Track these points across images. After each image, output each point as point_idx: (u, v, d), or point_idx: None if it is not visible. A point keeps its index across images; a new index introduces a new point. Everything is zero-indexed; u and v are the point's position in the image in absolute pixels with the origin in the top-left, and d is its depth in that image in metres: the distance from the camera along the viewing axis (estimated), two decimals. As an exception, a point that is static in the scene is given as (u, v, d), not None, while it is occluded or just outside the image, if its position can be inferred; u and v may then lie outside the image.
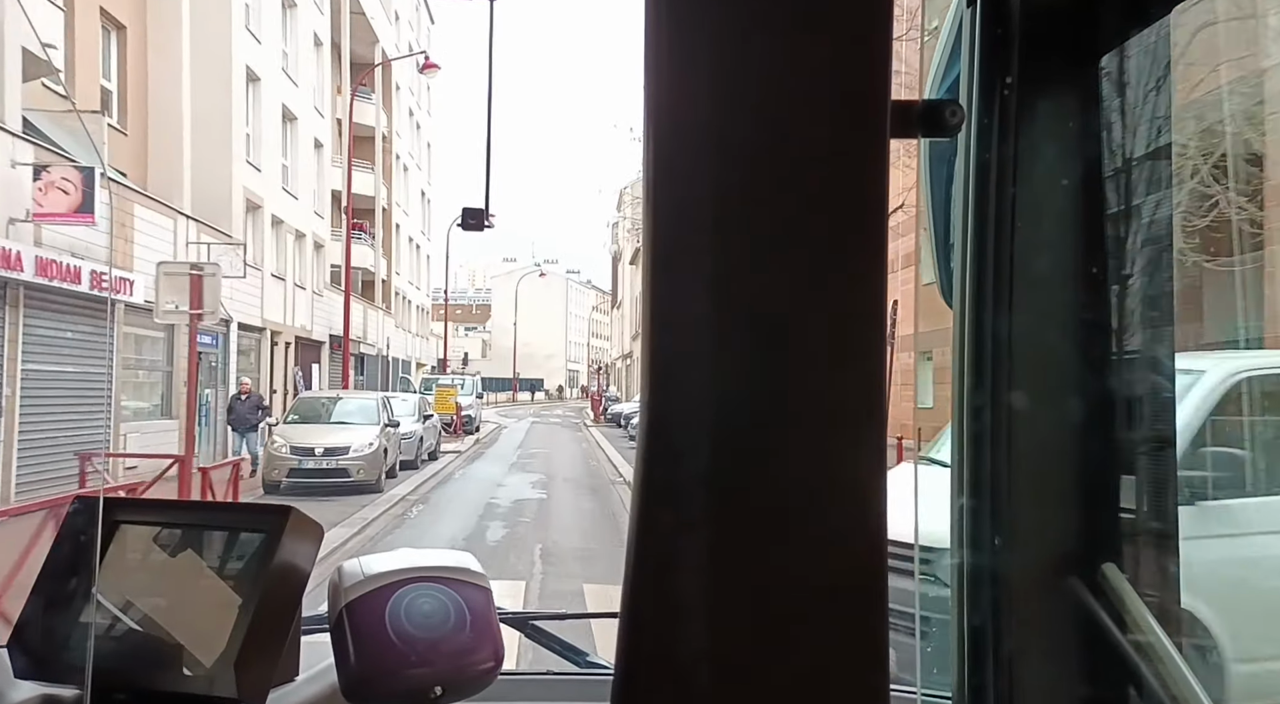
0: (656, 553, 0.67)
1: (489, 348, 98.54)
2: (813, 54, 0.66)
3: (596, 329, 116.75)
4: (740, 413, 0.66)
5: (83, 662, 0.98)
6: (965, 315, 1.05)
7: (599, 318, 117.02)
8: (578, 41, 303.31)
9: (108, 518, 1.10)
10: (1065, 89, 1.05)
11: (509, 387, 79.89)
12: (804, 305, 0.66)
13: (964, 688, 1.05)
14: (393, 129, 40.72)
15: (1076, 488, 1.06)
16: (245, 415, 19.29)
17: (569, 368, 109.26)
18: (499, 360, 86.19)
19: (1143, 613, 1.02)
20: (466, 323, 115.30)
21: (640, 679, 0.68)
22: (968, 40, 1.03)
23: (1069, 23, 1.03)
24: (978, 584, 1.05)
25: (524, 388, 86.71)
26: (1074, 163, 1.07)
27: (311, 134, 30.42)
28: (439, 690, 1.03)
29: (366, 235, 37.53)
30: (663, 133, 0.67)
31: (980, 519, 1.04)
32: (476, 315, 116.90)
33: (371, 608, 1.03)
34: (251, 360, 24.60)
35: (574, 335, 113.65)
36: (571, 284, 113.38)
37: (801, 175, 0.66)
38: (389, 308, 41.10)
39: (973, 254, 1.04)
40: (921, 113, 0.73)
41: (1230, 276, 6.55)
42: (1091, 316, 1.07)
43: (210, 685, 1.00)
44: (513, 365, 79.08)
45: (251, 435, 19.06)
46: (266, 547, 1.05)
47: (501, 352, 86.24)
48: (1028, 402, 1.03)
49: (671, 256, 0.67)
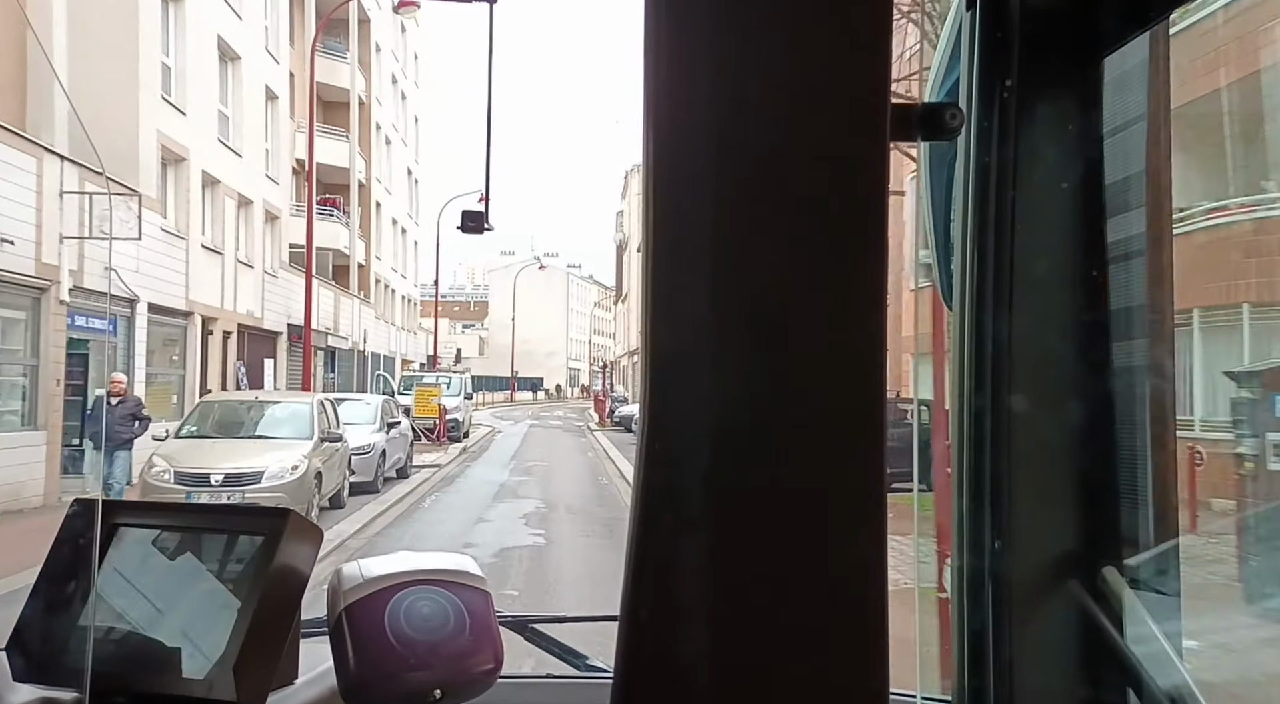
0: (656, 554, 0.67)
1: (486, 345, 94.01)
2: (813, 57, 0.66)
3: (599, 326, 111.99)
4: (740, 413, 0.66)
5: (81, 664, 0.99)
6: (965, 317, 1.05)
7: (601, 314, 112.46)
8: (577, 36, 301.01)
9: (107, 520, 1.11)
10: (1065, 91, 1.05)
11: (507, 386, 74.98)
12: (804, 306, 0.66)
13: (963, 691, 1.05)
14: (372, 95, 35.42)
15: (1076, 490, 1.06)
16: (115, 427, 12.65)
17: (570, 366, 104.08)
18: (497, 358, 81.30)
19: (1143, 616, 1.03)
20: (465, 320, 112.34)
21: (640, 682, 0.68)
22: (967, 43, 1.03)
23: (1068, 25, 1.03)
24: (977, 587, 1.05)
25: (523, 387, 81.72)
26: (1073, 165, 1.07)
27: (261, 80, 24.65)
28: (438, 694, 1.03)
29: (339, 213, 32.48)
30: (663, 134, 0.67)
31: (980, 521, 1.04)
32: (475, 312, 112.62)
33: (371, 611, 1.03)
34: (176, 353, 19.40)
35: (575, 332, 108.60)
36: (573, 279, 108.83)
37: (801, 178, 0.66)
38: (367, 296, 35.75)
39: (973, 256, 1.04)
40: (921, 115, 0.73)
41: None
42: (1091, 318, 1.08)
43: (209, 689, 1.00)
44: (511, 363, 73.90)
45: (122, 455, 12.69)
46: (266, 549, 1.05)
47: (499, 349, 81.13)
48: (1027, 404, 1.04)
49: (671, 257, 0.67)
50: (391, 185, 39.70)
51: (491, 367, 76.67)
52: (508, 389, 74.22)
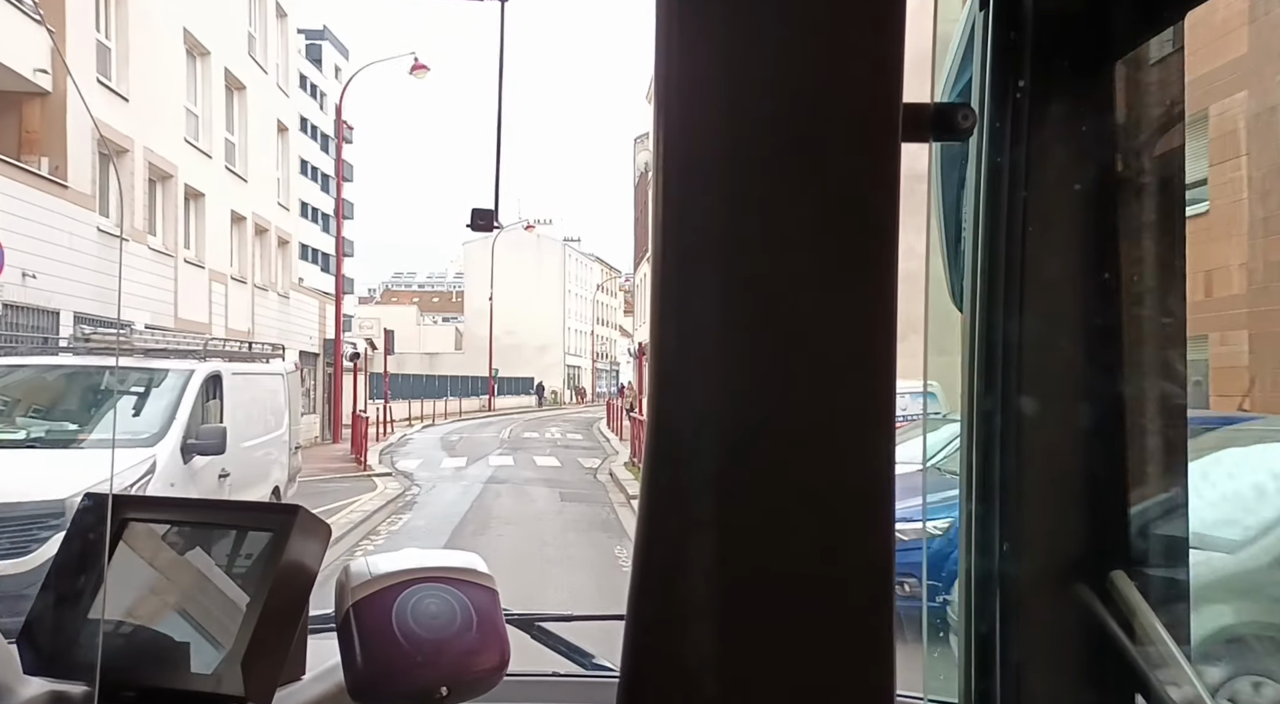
0: (663, 555, 0.68)
1: (462, 338, 72.99)
2: (824, 57, 0.66)
3: (603, 314, 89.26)
4: (748, 414, 0.66)
5: (92, 658, 0.99)
6: (975, 319, 1.06)
7: (606, 300, 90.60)
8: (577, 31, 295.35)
9: (117, 515, 1.12)
10: (1078, 93, 1.05)
11: (486, 389, 54.47)
12: (814, 308, 0.66)
13: (970, 694, 1.05)
14: None
15: (1085, 494, 1.06)
16: None
17: (568, 363, 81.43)
18: (476, 354, 59.60)
19: (1152, 621, 1.02)
20: (446, 312, 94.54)
21: (646, 682, 0.68)
22: (980, 44, 1.04)
23: (1082, 26, 1.03)
24: (985, 590, 1.05)
25: (510, 390, 61.21)
26: (1086, 167, 1.07)
27: None
28: (445, 691, 1.03)
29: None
30: (673, 135, 0.67)
31: (988, 524, 1.04)
32: (456, 304, 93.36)
33: (378, 608, 1.03)
34: None
35: (575, 321, 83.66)
36: (571, 254, 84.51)
37: (812, 179, 0.66)
38: (101, 200, 17.09)
39: (984, 258, 1.04)
40: (933, 116, 0.73)
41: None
42: (1102, 322, 1.07)
43: (217, 684, 1.01)
44: (489, 359, 54.29)
45: None
46: (274, 545, 1.06)
47: (479, 342, 59.02)
48: (1037, 406, 1.04)
49: (681, 259, 0.67)
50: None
51: (470, 364, 58.75)
52: (486, 392, 54.27)
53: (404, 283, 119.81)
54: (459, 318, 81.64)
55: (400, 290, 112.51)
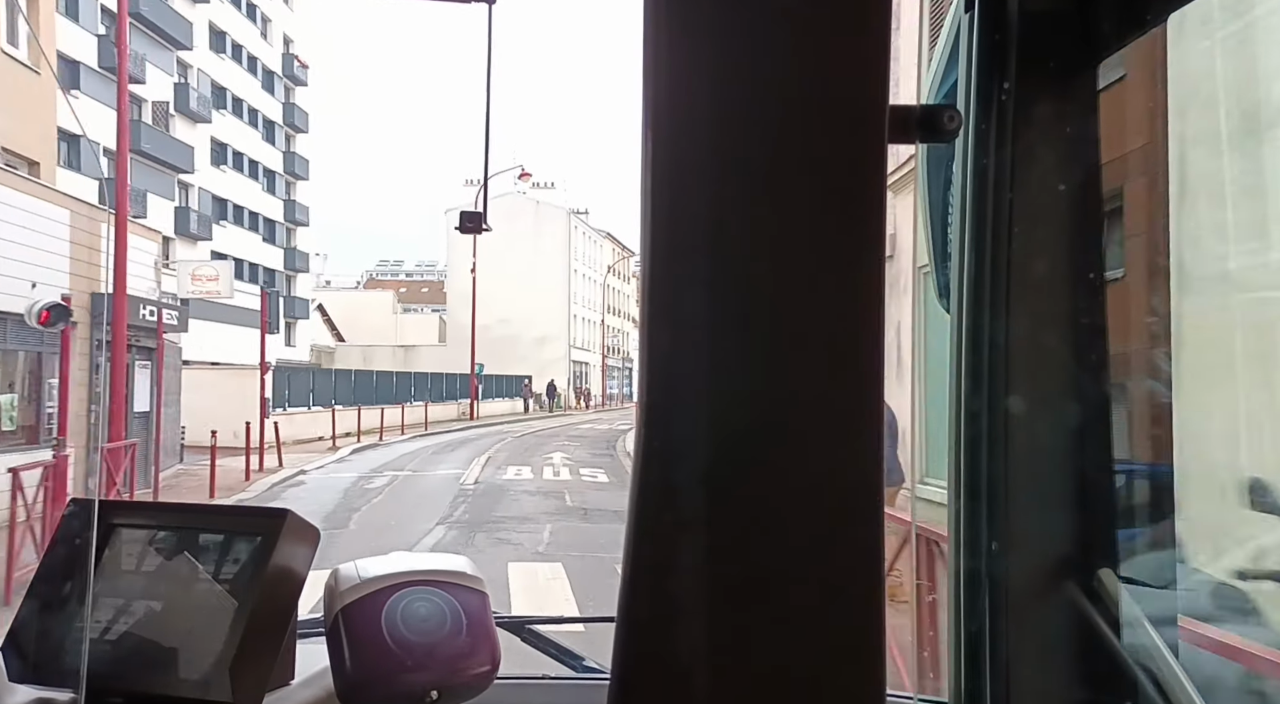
0: (653, 555, 0.67)
1: (446, 328, 58.80)
2: (811, 59, 0.67)
3: (614, 301, 70.33)
4: (738, 414, 0.66)
5: (78, 665, 0.99)
6: (962, 319, 1.06)
7: (617, 285, 72.63)
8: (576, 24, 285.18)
9: (103, 521, 1.11)
10: (1063, 94, 1.05)
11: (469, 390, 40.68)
12: (802, 307, 0.67)
13: (960, 692, 1.05)
14: None
15: (1073, 493, 1.07)
16: None
17: (574, 359, 63.47)
18: (461, 346, 46.01)
19: (1139, 618, 1.04)
20: (436, 303, 76.82)
21: (637, 682, 0.68)
22: (965, 45, 1.04)
23: (1067, 28, 1.03)
24: (974, 588, 1.05)
25: (503, 392, 46.85)
26: (1071, 168, 1.07)
27: None
28: (435, 695, 1.03)
29: None
30: (661, 136, 0.67)
31: (977, 523, 1.05)
32: (435, 295, 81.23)
33: (367, 612, 1.03)
34: None
35: (582, 307, 65.96)
36: (578, 228, 65.78)
37: (800, 179, 0.67)
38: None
39: (970, 258, 1.05)
40: (919, 118, 0.73)
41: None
42: (1088, 321, 1.08)
43: (205, 689, 1.00)
44: (470, 351, 41.65)
45: None
46: (262, 550, 1.05)
47: (465, 332, 44.63)
48: (1024, 406, 1.04)
49: (670, 258, 0.67)
50: None
51: (453, 358, 45.73)
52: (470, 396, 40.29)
53: (389, 271, 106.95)
54: (444, 308, 65.02)
55: (385, 279, 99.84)
